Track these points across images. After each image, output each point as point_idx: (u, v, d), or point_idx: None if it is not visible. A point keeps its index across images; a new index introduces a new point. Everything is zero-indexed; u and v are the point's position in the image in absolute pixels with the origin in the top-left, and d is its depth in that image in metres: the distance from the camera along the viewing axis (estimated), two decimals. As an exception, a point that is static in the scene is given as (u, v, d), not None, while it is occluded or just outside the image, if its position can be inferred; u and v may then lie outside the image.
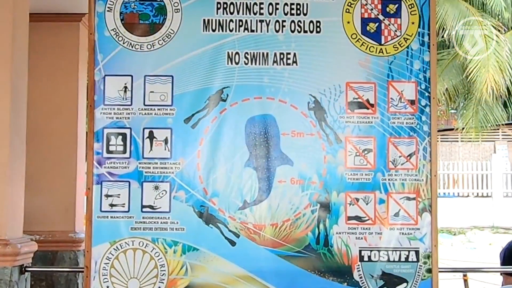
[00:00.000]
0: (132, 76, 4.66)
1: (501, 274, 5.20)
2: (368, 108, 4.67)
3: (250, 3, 4.71)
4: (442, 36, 19.05)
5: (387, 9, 4.74)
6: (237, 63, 4.67)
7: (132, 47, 4.67)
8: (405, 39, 4.72)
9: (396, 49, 4.71)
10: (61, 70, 6.64)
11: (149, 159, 4.62)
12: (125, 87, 4.65)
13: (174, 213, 4.58)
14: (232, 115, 4.64)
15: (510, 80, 18.74)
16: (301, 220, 4.60)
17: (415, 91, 4.69)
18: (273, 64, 4.67)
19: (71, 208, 6.56)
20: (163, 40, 4.68)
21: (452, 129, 24.76)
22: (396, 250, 4.62)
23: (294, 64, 4.67)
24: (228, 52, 4.67)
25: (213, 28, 4.69)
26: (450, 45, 19.95)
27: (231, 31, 4.69)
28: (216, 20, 4.70)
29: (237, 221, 4.58)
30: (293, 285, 4.57)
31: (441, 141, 24.88)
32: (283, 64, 4.67)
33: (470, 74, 18.41)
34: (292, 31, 4.70)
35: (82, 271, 4.73)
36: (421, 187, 4.64)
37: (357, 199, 4.62)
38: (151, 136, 4.63)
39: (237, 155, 4.63)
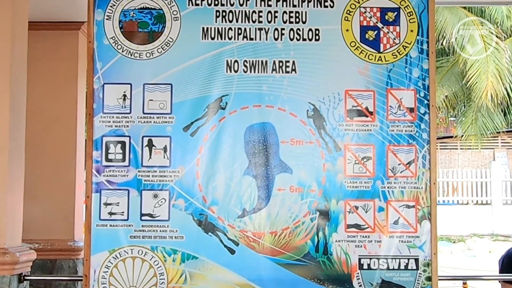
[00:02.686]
0: (131, 84, 4.66)
1: (499, 281, 5.20)
2: (367, 116, 4.67)
3: (249, 11, 4.72)
4: (442, 44, 19.09)
5: (386, 17, 4.75)
6: (236, 71, 4.67)
7: (131, 55, 4.68)
8: (404, 47, 4.72)
9: (395, 56, 4.72)
10: (60, 78, 6.64)
11: (148, 167, 4.62)
12: (124, 95, 4.65)
13: (173, 221, 4.58)
14: (231, 123, 4.64)
15: (510, 87, 18.75)
16: (300, 228, 4.59)
17: (414, 99, 4.69)
18: (272, 72, 4.68)
19: (70, 216, 6.55)
20: (162, 48, 4.68)
21: (451, 137, 24.80)
22: (395, 258, 4.61)
23: (293, 72, 4.68)
24: (227, 60, 4.68)
25: (212, 36, 4.69)
26: (450, 52, 19.99)
27: (230, 39, 4.70)
28: (215, 28, 4.70)
29: (237, 229, 4.58)
30: (292, 293, 4.57)
31: (440, 148, 24.91)
32: (282, 72, 4.67)
33: (469, 80, 18.43)
34: (291, 39, 4.70)
35: (81, 280, 4.72)
36: (420, 195, 4.64)
37: (357, 207, 4.62)
38: (150, 144, 4.63)
39: (236, 163, 4.63)
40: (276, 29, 4.71)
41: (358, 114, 4.68)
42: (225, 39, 4.70)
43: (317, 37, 4.72)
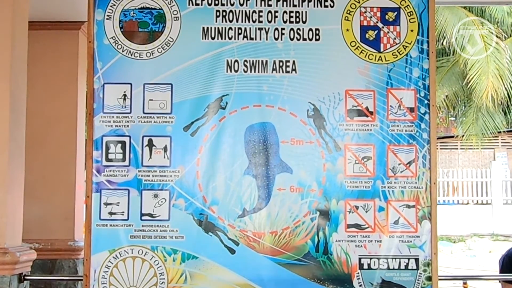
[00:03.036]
0: (131, 84, 4.66)
1: (499, 281, 5.20)
2: (367, 116, 4.67)
3: (249, 11, 4.71)
4: (442, 43, 19.08)
5: (386, 17, 4.75)
6: (236, 71, 4.67)
7: (131, 55, 4.68)
8: (404, 47, 4.72)
9: (395, 56, 4.71)
10: (60, 78, 6.64)
11: (148, 167, 4.61)
12: (124, 95, 4.65)
13: (174, 221, 4.58)
14: (231, 123, 4.64)
15: (510, 87, 18.75)
16: (300, 228, 4.59)
17: (415, 99, 4.69)
18: (272, 72, 4.67)
19: (70, 216, 6.54)
20: (162, 48, 4.68)
21: (451, 137, 24.80)
22: (395, 258, 4.61)
23: (293, 72, 4.67)
24: (227, 60, 4.68)
25: (212, 36, 4.69)
26: (450, 52, 19.99)
27: (230, 39, 4.69)
28: (215, 28, 4.70)
29: (237, 229, 4.58)
30: (292, 293, 4.57)
31: (440, 148, 24.90)
32: (282, 72, 4.67)
33: (470, 81, 18.43)
34: (291, 39, 4.70)
35: (81, 280, 4.72)
36: (420, 195, 4.64)
37: (357, 207, 4.62)
38: (151, 144, 4.62)
39: (237, 163, 4.63)
40: (276, 29, 4.71)
41: (358, 114, 4.67)
42: (225, 39, 4.69)
43: (317, 37, 4.71)
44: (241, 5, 4.72)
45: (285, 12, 4.72)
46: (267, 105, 4.65)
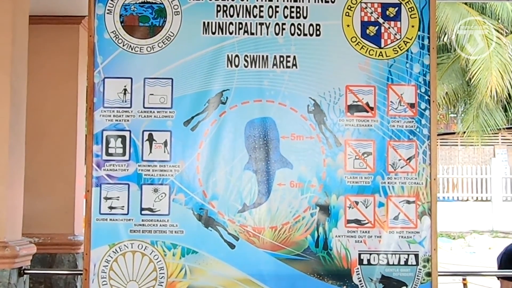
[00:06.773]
0: (131, 78, 4.66)
1: (498, 278, 5.20)
2: (367, 111, 4.67)
3: (250, 6, 4.71)
4: (443, 40, 19.07)
5: (387, 12, 4.74)
6: (236, 66, 4.67)
7: (131, 49, 4.67)
8: (405, 42, 4.72)
9: (396, 52, 4.71)
10: (60, 73, 6.64)
11: (148, 162, 4.61)
12: (125, 90, 4.65)
13: (174, 215, 4.58)
14: (231, 118, 4.64)
15: (510, 84, 18.74)
16: (300, 223, 4.59)
17: (415, 95, 4.69)
18: (273, 67, 4.67)
19: (70, 210, 6.54)
20: (163, 42, 4.68)
21: (452, 133, 24.80)
22: (395, 254, 4.61)
23: (294, 67, 4.67)
24: (227, 55, 4.67)
25: (213, 30, 4.69)
26: (451, 49, 19.97)
27: (231, 33, 4.69)
28: (216, 22, 4.70)
29: (237, 224, 4.58)
30: (292, 289, 4.57)
31: (440, 145, 24.88)
32: (283, 67, 4.67)
33: (472, 77, 18.42)
34: (292, 34, 4.70)
35: (81, 274, 4.73)
36: (420, 191, 4.64)
37: (357, 202, 4.62)
38: (151, 139, 4.62)
39: (237, 158, 4.63)
40: (277, 24, 4.70)
41: (359, 110, 4.67)
42: (226, 33, 4.69)
43: (318, 32, 4.71)
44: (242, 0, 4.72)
45: (286, 7, 4.71)
46: (267, 100, 4.65)
